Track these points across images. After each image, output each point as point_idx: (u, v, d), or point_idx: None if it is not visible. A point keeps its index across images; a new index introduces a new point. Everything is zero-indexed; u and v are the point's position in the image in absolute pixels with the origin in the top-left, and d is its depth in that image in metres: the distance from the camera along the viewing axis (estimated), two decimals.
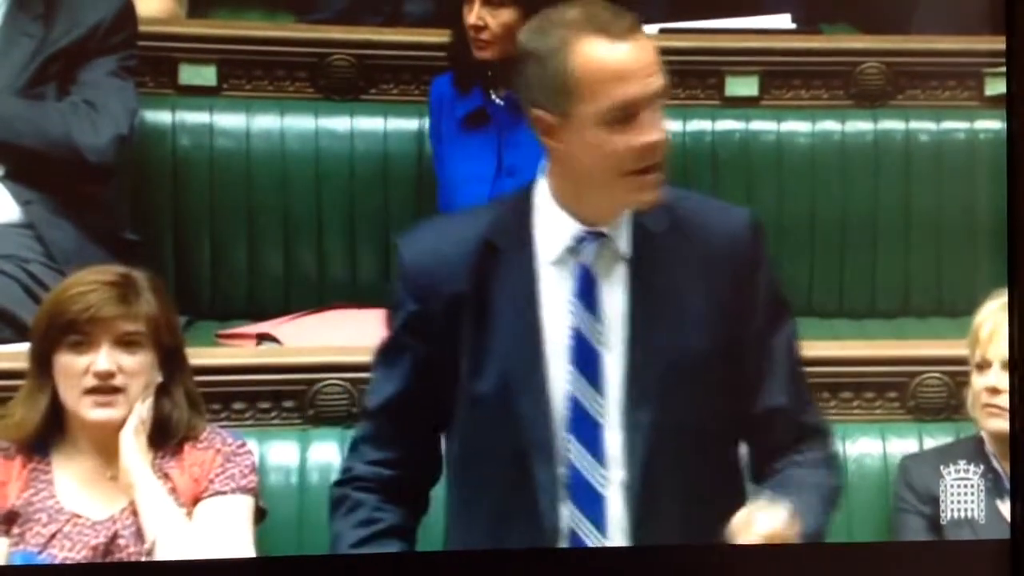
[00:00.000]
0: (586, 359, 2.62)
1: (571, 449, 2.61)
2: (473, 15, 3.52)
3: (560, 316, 2.63)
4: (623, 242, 2.63)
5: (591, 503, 2.62)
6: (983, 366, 3.17)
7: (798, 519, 2.59)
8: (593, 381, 2.62)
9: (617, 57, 2.52)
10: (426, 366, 2.66)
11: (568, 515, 2.63)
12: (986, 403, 3.17)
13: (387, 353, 2.70)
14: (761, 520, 2.57)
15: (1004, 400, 3.15)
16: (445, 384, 2.65)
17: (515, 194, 2.69)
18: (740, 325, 2.67)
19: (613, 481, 2.63)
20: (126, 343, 2.89)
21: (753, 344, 2.69)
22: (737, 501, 2.70)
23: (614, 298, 2.63)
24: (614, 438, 2.62)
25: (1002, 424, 3.15)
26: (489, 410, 2.62)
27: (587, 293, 2.62)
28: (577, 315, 2.62)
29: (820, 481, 2.73)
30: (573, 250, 2.62)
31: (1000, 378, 3.15)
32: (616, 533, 2.64)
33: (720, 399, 2.68)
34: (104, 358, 2.87)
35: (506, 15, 3.51)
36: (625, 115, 2.52)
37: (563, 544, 2.64)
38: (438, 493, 2.79)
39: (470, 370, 2.62)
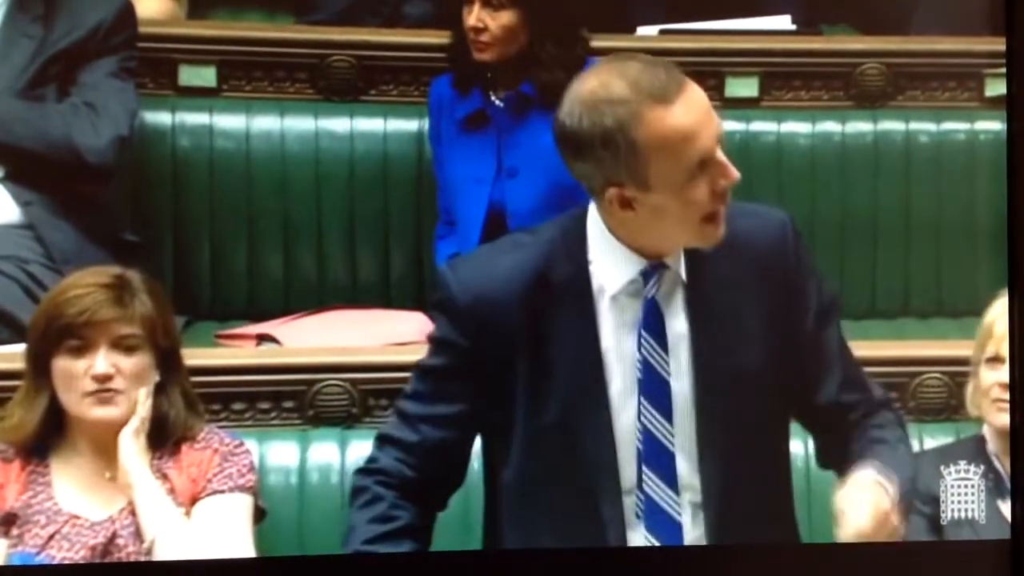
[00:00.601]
0: (657, 390, 2.62)
1: (647, 480, 2.62)
2: (473, 17, 3.52)
3: (621, 346, 2.62)
4: (680, 268, 2.64)
5: (668, 530, 2.64)
6: (996, 360, 3.16)
7: (891, 481, 2.64)
8: (664, 411, 2.62)
9: (682, 120, 2.50)
10: (471, 395, 2.65)
11: (644, 543, 2.65)
12: (997, 398, 3.16)
13: (431, 375, 2.68)
14: (862, 504, 2.61)
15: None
16: (489, 413, 2.65)
17: (565, 223, 2.66)
18: (795, 328, 2.69)
19: (685, 507, 2.65)
20: (123, 345, 2.89)
21: (810, 343, 2.70)
22: (789, 500, 2.79)
23: (676, 325, 2.64)
24: (684, 464, 2.64)
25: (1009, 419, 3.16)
26: (551, 444, 2.62)
27: (655, 325, 2.62)
28: (646, 347, 2.62)
29: (899, 436, 2.78)
30: (636, 283, 2.62)
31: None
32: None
33: (782, 405, 2.71)
34: (102, 361, 2.87)
35: (505, 17, 3.51)
36: (702, 167, 2.52)
37: None
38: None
39: (528, 404, 2.62)
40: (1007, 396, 3.16)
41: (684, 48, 3.81)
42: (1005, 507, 3.15)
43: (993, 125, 3.64)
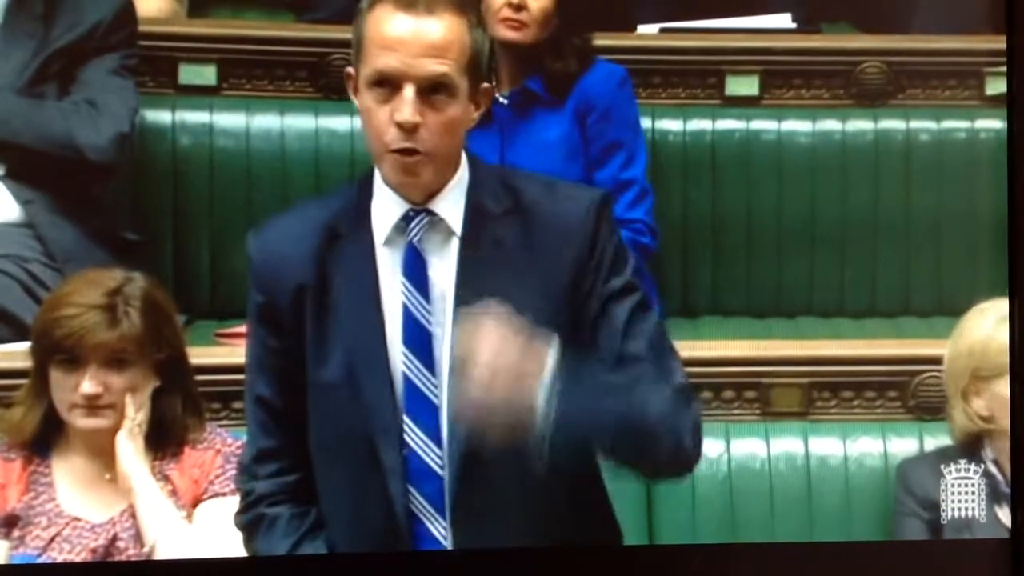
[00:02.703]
0: (418, 339, 2.58)
1: (408, 431, 2.57)
2: None
3: (392, 297, 2.59)
4: (455, 221, 2.59)
5: (429, 484, 2.58)
6: (980, 380, 3.17)
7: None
8: (426, 361, 2.58)
9: (394, 26, 2.50)
10: (280, 359, 2.62)
11: (409, 497, 2.59)
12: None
13: (249, 357, 2.65)
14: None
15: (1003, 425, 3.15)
16: (300, 374, 2.61)
17: (361, 178, 2.66)
18: (576, 307, 2.60)
19: (452, 463, 2.58)
20: (115, 361, 2.89)
21: (594, 324, 2.61)
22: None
23: (443, 276, 2.59)
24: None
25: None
26: (336, 397, 2.58)
27: (416, 272, 2.58)
28: (407, 295, 2.58)
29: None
30: (401, 228, 2.58)
31: (999, 388, 3.15)
32: (454, 519, 2.59)
33: None
34: (89, 383, 2.87)
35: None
36: (389, 88, 2.50)
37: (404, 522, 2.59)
38: None
39: (315, 359, 2.59)
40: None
41: (685, 46, 3.81)
42: (1002, 512, 3.15)
43: (994, 123, 3.64)
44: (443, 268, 2.59)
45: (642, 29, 3.86)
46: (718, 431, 3.27)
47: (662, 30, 3.84)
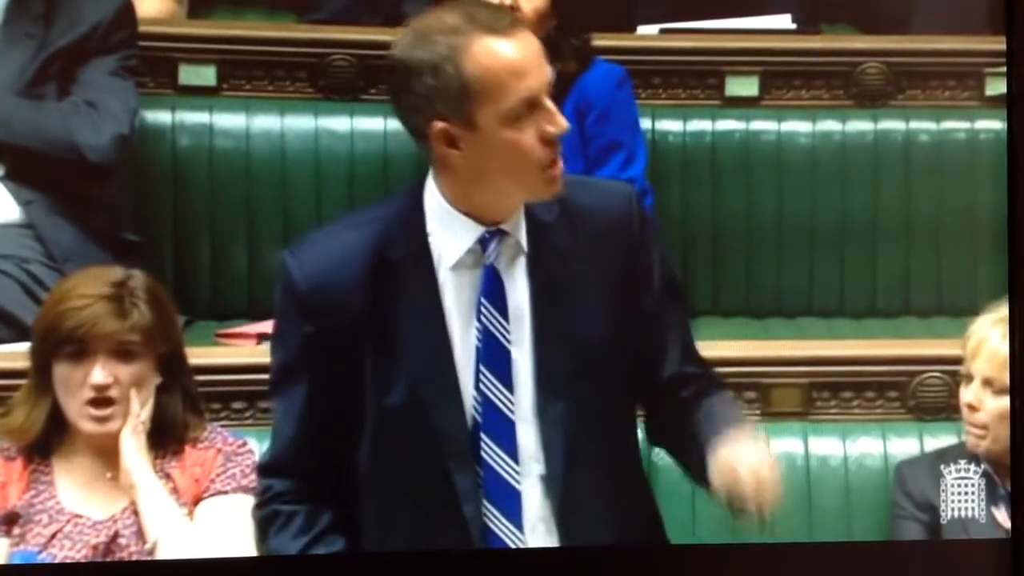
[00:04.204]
0: (497, 359, 2.60)
1: (485, 449, 2.59)
2: None
3: (465, 319, 2.60)
4: (521, 236, 2.61)
5: (507, 500, 2.60)
6: (968, 379, 3.16)
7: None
8: (504, 380, 2.60)
9: (511, 53, 2.48)
10: (327, 384, 2.61)
11: (485, 514, 2.61)
12: (967, 419, 3.16)
13: (287, 374, 2.65)
14: (747, 454, 2.53)
15: (979, 418, 3.13)
16: (348, 399, 2.61)
17: (401, 200, 2.64)
18: (637, 301, 2.65)
19: (528, 477, 2.61)
20: (122, 353, 2.89)
21: (652, 316, 2.67)
22: (640, 479, 2.74)
23: (518, 294, 2.61)
24: (527, 433, 2.61)
25: (980, 445, 3.13)
26: (402, 423, 2.59)
27: (495, 292, 2.60)
28: (487, 316, 2.60)
29: (735, 406, 2.74)
30: (475, 251, 2.59)
31: (978, 394, 3.13)
32: (531, 529, 2.62)
33: (623, 378, 2.67)
34: (100, 372, 2.86)
35: (540, 0, 3.52)
36: (529, 109, 2.49)
37: (479, 544, 2.62)
38: None
39: (377, 385, 2.59)
40: (972, 419, 3.14)
41: (685, 47, 3.82)
42: (999, 513, 3.15)
43: (993, 124, 3.64)
44: (516, 286, 2.61)
45: (642, 30, 3.87)
46: None
47: (662, 31, 3.85)
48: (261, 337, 3.52)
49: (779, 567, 3.01)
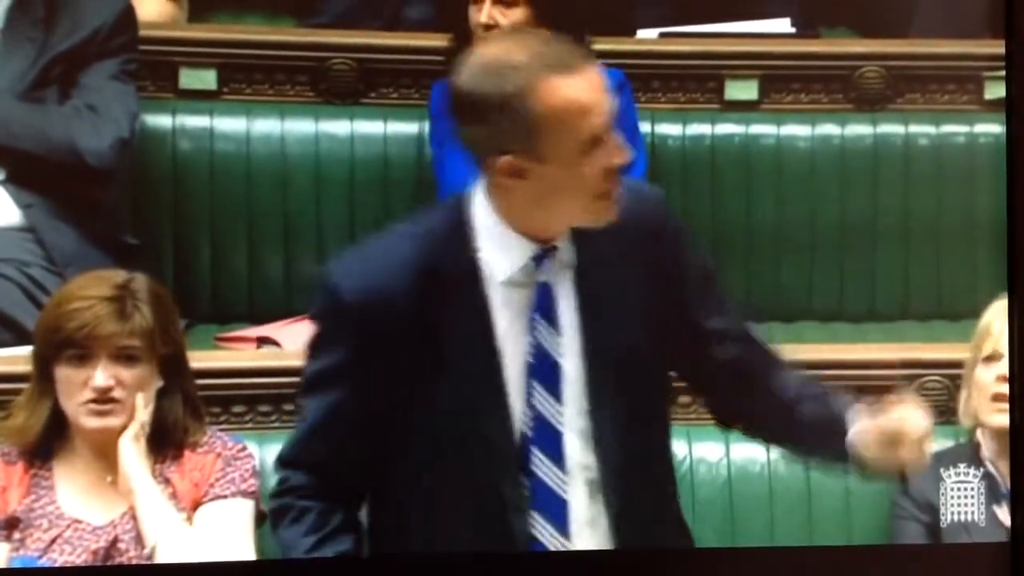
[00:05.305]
0: (548, 372, 2.61)
1: (534, 461, 2.61)
2: (484, 14, 3.52)
3: (515, 334, 2.61)
4: (568, 251, 2.63)
5: (554, 509, 2.62)
6: (993, 358, 3.16)
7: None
8: (554, 392, 2.62)
9: (578, 92, 2.51)
10: (364, 392, 2.62)
11: (531, 523, 2.62)
12: (996, 394, 3.16)
13: (323, 380, 2.64)
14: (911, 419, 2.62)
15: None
16: (383, 408, 2.62)
17: (447, 213, 2.64)
18: (679, 296, 2.68)
19: (574, 485, 2.63)
20: (124, 356, 2.89)
21: (697, 305, 2.70)
22: (675, 483, 2.76)
23: (566, 307, 2.63)
24: (573, 442, 2.63)
25: (1006, 418, 3.15)
26: (449, 434, 2.60)
27: (548, 308, 2.62)
28: (540, 330, 2.61)
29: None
30: (528, 268, 2.61)
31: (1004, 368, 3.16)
32: (576, 535, 2.63)
33: (665, 383, 2.72)
34: (102, 374, 2.86)
35: (518, 14, 3.52)
36: (594, 144, 2.52)
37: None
38: None
39: (424, 396, 2.60)
40: (1006, 390, 3.16)
41: (684, 51, 3.82)
42: (1001, 512, 3.15)
43: (992, 128, 3.65)
44: (565, 299, 2.63)
45: (642, 34, 3.87)
46: (717, 435, 3.26)
47: (662, 35, 3.85)
48: (261, 341, 3.52)
49: (780, 570, 3.01)
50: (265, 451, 3.18)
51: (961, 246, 3.65)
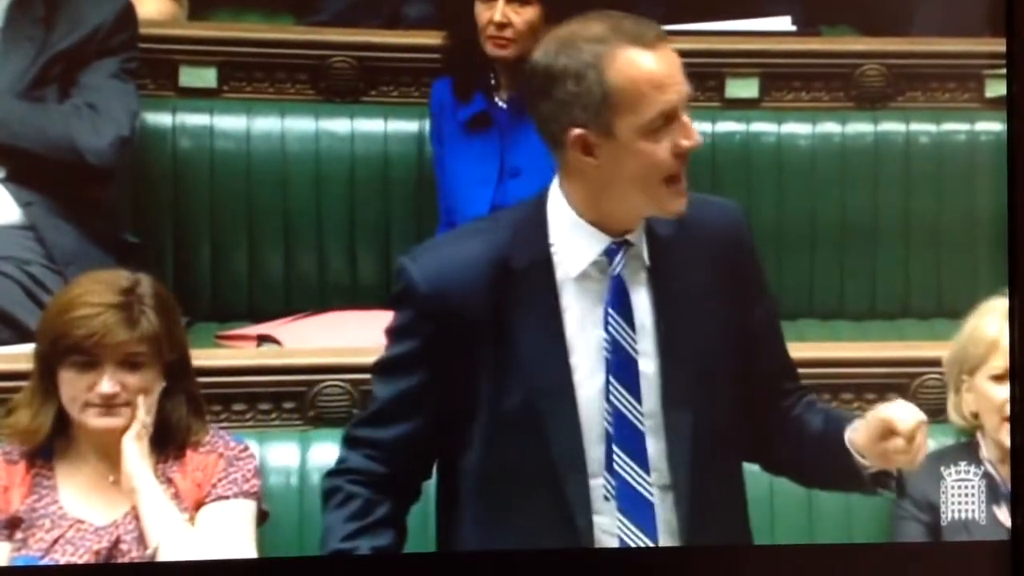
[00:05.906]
0: (626, 369, 2.62)
1: (617, 461, 2.62)
2: (497, 12, 3.51)
3: (587, 329, 2.62)
4: (643, 248, 2.64)
5: (640, 511, 2.63)
6: (1005, 378, 3.15)
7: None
8: (633, 391, 2.62)
9: (654, 66, 2.52)
10: (436, 382, 2.64)
11: (615, 524, 2.63)
12: (1007, 416, 3.15)
13: (395, 367, 2.67)
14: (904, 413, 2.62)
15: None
16: (455, 400, 2.64)
17: (524, 210, 2.67)
18: (749, 310, 2.70)
19: (656, 486, 2.64)
20: (130, 362, 2.88)
21: (760, 332, 2.72)
22: (742, 490, 2.77)
23: (642, 306, 2.64)
24: (653, 444, 2.64)
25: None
26: (516, 428, 2.61)
27: (621, 303, 2.62)
28: (615, 327, 2.62)
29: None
30: (601, 262, 2.62)
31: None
32: (666, 538, 2.65)
33: (740, 391, 2.71)
34: (108, 382, 2.86)
35: (531, 13, 3.52)
36: (666, 121, 2.52)
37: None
38: None
39: (493, 389, 2.61)
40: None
41: (684, 49, 3.76)
42: (1000, 512, 3.15)
43: (993, 126, 3.65)
44: (640, 298, 2.64)
45: None
46: None
47: None
48: (261, 339, 3.52)
49: (780, 569, 3.01)
50: (265, 449, 3.19)
51: (962, 244, 3.65)
